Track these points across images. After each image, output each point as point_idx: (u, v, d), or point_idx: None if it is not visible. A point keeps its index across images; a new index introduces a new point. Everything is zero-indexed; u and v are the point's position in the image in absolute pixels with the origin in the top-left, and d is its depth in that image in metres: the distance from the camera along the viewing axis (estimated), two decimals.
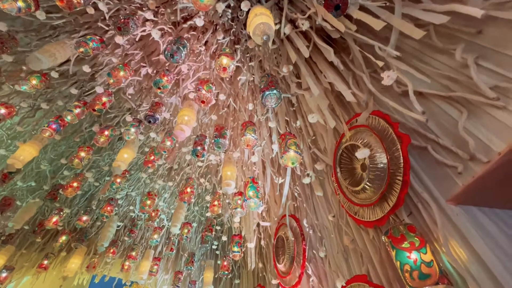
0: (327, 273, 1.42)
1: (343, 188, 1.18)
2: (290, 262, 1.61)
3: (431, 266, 0.71)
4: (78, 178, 2.32)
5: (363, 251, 1.12)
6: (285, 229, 1.76)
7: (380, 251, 1.04)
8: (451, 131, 0.85)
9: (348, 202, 1.14)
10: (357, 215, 1.08)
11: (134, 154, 2.21)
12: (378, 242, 1.06)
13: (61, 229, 3.03)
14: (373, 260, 1.06)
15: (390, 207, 0.90)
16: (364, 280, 0.95)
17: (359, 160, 1.12)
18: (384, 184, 0.93)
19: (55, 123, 2.04)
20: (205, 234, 2.72)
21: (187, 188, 2.11)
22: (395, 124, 0.94)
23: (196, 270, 3.41)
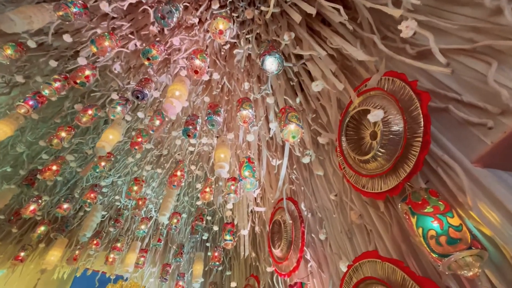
0: (328, 256, 1.33)
1: (349, 160, 1.08)
2: (287, 247, 1.51)
3: (460, 230, 0.62)
4: (58, 161, 2.15)
5: (371, 227, 1.03)
6: (281, 213, 1.66)
7: (391, 225, 0.95)
8: (476, 86, 0.76)
9: (355, 174, 1.05)
10: (366, 188, 0.98)
11: (120, 136, 2.05)
12: (388, 216, 0.97)
13: (39, 219, 2.83)
14: (382, 237, 0.97)
15: (406, 173, 0.81)
16: (375, 256, 0.86)
17: (368, 128, 1.03)
18: (400, 148, 0.83)
19: (32, 99, 1.87)
20: (195, 223, 2.59)
21: (177, 172, 1.98)
22: (413, 82, 0.85)
23: (185, 263, 3.27)
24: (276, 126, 1.65)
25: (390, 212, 0.97)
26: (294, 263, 1.42)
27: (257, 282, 2.05)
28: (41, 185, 2.77)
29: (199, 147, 2.45)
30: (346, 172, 1.11)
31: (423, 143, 0.77)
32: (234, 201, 2.03)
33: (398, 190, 0.85)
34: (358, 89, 1.08)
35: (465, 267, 0.59)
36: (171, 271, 3.08)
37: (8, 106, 2.25)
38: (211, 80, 2.15)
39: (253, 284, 2.10)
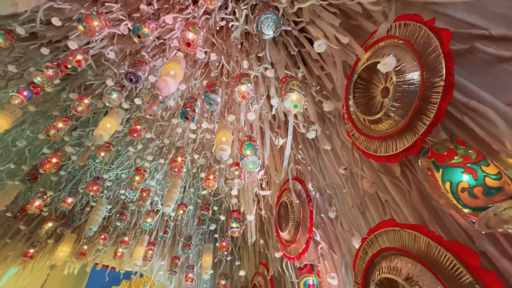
0: (339, 235, 1.23)
1: (359, 124, 0.97)
2: (295, 229, 1.41)
3: (500, 179, 0.51)
4: (57, 154, 2.10)
5: (386, 197, 0.92)
6: (288, 194, 1.56)
7: (409, 192, 0.84)
8: (506, 14, 0.64)
9: (365, 139, 0.94)
10: (378, 152, 0.87)
11: (118, 125, 1.99)
12: (405, 182, 0.85)
13: (46, 215, 2.82)
14: (399, 205, 0.86)
15: (425, 126, 0.69)
16: (393, 224, 0.75)
17: (379, 85, 0.91)
18: (417, 99, 0.72)
19: (26, 89, 1.82)
20: (201, 213, 2.52)
21: (177, 157, 1.90)
22: (429, 21, 0.73)
23: (194, 255, 3.22)
24: (278, 102, 1.55)
25: (407, 177, 0.85)
26: (303, 244, 1.32)
27: (267, 270, 1.97)
28: (47, 182, 2.76)
29: (200, 134, 2.37)
30: (355, 139, 1.00)
31: (446, 87, 0.65)
32: (238, 187, 1.95)
33: (417, 148, 0.73)
34: (365, 44, 0.96)
35: (508, 221, 0.48)
36: (180, 264, 3.04)
37: (6, 100, 2.21)
38: (209, 63, 2.06)
39: (262, 272, 2.02)
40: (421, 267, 0.63)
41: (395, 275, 0.65)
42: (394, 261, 0.69)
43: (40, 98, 2.27)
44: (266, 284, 1.90)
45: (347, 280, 1.10)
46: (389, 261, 0.71)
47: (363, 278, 0.81)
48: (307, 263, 1.25)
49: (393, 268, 0.67)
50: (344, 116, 1.09)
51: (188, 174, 3.03)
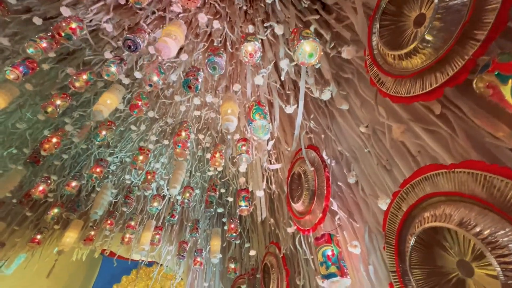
0: (361, 200, 1.11)
1: (385, 66, 0.84)
2: (310, 199, 1.30)
3: None
4: (57, 133, 2.02)
5: (419, 148, 0.79)
6: (301, 164, 1.45)
7: (452, 136, 0.71)
8: None
9: (394, 82, 0.81)
10: (412, 93, 0.74)
11: (118, 102, 1.90)
12: (445, 125, 0.73)
13: (52, 201, 2.78)
14: (439, 154, 0.74)
15: (479, 43, 0.56)
16: (435, 168, 0.63)
17: (411, 14, 0.78)
18: (467, 12, 0.59)
19: (22, 64, 1.72)
20: (208, 194, 2.43)
21: (181, 132, 1.80)
22: None
23: (202, 240, 3.16)
24: (288, 63, 1.41)
25: (448, 120, 0.73)
26: (319, 214, 1.21)
27: (278, 248, 1.88)
28: (51, 168, 2.70)
29: (205, 111, 2.26)
30: (381, 85, 0.87)
31: None
32: (247, 162, 1.84)
33: (464, 74, 0.60)
34: None
35: None
36: (188, 248, 2.98)
37: (1, 78, 2.12)
38: (212, 35, 1.94)
39: (273, 251, 1.93)
40: (479, 209, 0.51)
41: (445, 222, 0.54)
42: (441, 208, 0.57)
43: (39, 79, 2.18)
44: (278, 263, 1.81)
45: (371, 247, 0.99)
46: (433, 209, 0.59)
47: (397, 235, 0.70)
48: (324, 233, 1.14)
49: (441, 216, 0.56)
50: (367, 63, 0.96)
51: (194, 158, 2.94)
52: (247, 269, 2.58)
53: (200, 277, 2.99)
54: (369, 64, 0.94)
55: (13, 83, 1.93)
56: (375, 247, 0.98)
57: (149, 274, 6.34)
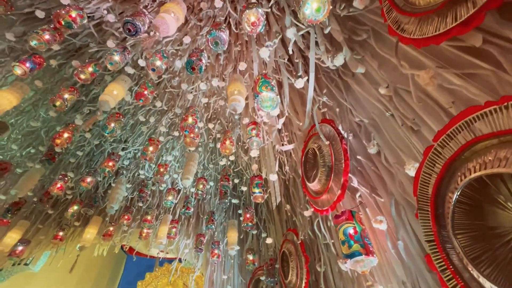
0: (384, 171, 0.99)
1: (407, 8, 0.72)
2: (327, 175, 1.19)
3: None
4: (68, 128, 2.03)
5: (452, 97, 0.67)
6: (315, 140, 1.34)
7: (495, 73, 0.58)
8: None
9: (419, 21, 0.69)
10: (442, 29, 0.62)
11: (125, 93, 1.87)
12: (487, 62, 0.60)
13: (71, 198, 2.84)
14: (478, 96, 0.61)
15: None
16: (480, 108, 0.51)
17: None
18: None
19: (28, 60, 1.73)
20: (221, 184, 2.37)
21: (188, 117, 1.74)
22: None
23: (219, 233, 3.12)
24: (295, 32, 1.30)
25: (490, 56, 0.60)
26: (338, 191, 1.10)
27: (296, 235, 1.78)
28: (68, 166, 2.76)
29: (214, 99, 2.19)
30: (403, 31, 0.75)
31: None
32: (258, 146, 1.75)
33: None
34: None
35: None
36: (206, 241, 2.95)
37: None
38: (216, 17, 1.86)
39: (291, 239, 1.84)
40: None
41: (500, 167, 0.42)
42: (492, 153, 0.46)
43: (49, 77, 2.20)
44: (297, 249, 1.72)
45: (399, 221, 0.87)
46: (481, 156, 0.48)
47: (433, 196, 0.58)
48: (344, 210, 1.03)
49: (493, 161, 0.44)
50: (383, 11, 0.83)
51: (206, 150, 2.90)
52: (265, 259, 2.50)
53: (219, 269, 2.95)
54: (386, 11, 0.82)
55: (24, 81, 1.98)
56: (403, 220, 0.86)
57: (171, 271, 6.45)
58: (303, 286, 1.58)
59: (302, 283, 1.59)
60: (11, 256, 2.59)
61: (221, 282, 2.84)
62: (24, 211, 2.84)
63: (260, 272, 2.70)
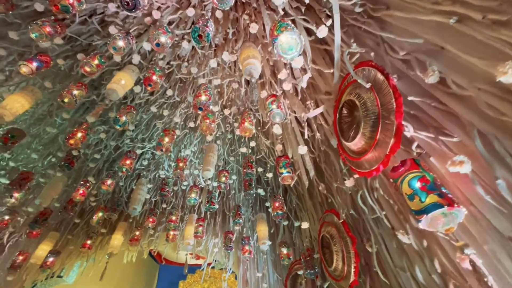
0: (454, 100, 0.75)
1: None
2: (372, 125, 0.97)
3: None
4: (82, 127, 1.95)
5: None
6: (350, 91, 1.11)
7: None
8: None
9: None
10: None
11: (133, 83, 1.77)
12: None
13: (94, 204, 2.80)
14: None
15: None
16: None
17: None
18: None
19: (34, 59, 1.67)
20: (244, 172, 2.19)
21: (200, 94, 1.58)
22: None
23: (248, 229, 2.93)
24: None
25: None
26: (390, 140, 0.87)
27: (336, 215, 1.54)
28: (90, 172, 2.72)
29: (227, 81, 2.03)
30: None
31: None
32: (280, 119, 1.57)
33: None
34: None
35: None
36: (235, 239, 2.78)
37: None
38: None
39: (331, 220, 1.60)
40: None
41: None
42: None
43: (59, 81, 2.16)
44: (339, 231, 1.48)
45: (493, 156, 0.63)
46: None
47: None
48: (404, 159, 0.80)
49: None
50: None
51: (224, 142, 2.75)
52: (302, 251, 2.27)
53: (252, 267, 2.75)
54: None
55: (35, 85, 1.94)
56: (499, 152, 0.62)
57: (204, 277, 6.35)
58: (352, 271, 1.34)
59: (350, 268, 1.35)
60: (42, 267, 2.58)
61: (256, 281, 2.63)
62: (53, 223, 2.84)
63: (297, 267, 2.47)
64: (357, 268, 1.32)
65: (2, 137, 1.91)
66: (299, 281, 2.45)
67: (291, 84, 1.60)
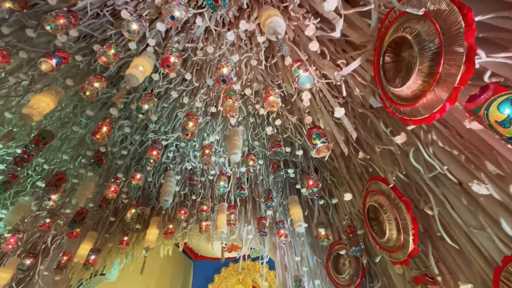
0: None
1: None
2: (431, 59, 0.82)
3: None
4: (106, 121, 1.94)
5: None
6: (397, 28, 0.96)
7: None
8: None
9: None
10: None
11: (151, 70, 1.73)
12: None
13: (127, 201, 2.84)
14: None
15: None
16: None
17: None
18: None
19: (53, 55, 1.66)
20: (273, 151, 2.08)
21: (222, 67, 1.49)
22: None
23: (280, 214, 2.84)
24: None
25: None
26: (460, 67, 0.72)
27: (383, 181, 1.40)
28: (119, 169, 2.75)
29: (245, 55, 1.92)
30: None
31: None
32: (310, 83, 1.44)
33: None
34: None
35: None
36: (268, 225, 2.70)
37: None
38: None
39: (377, 188, 1.46)
40: None
41: None
42: None
43: (79, 80, 2.16)
44: (389, 197, 1.33)
45: None
46: None
47: None
48: (486, 84, 0.65)
49: None
50: None
51: (247, 127, 2.66)
52: (344, 228, 2.13)
53: (289, 252, 2.66)
54: None
55: (57, 85, 1.95)
56: None
57: (237, 269, 6.41)
58: (411, 239, 1.19)
59: (408, 235, 1.20)
60: (86, 265, 2.65)
61: (295, 265, 2.54)
62: (90, 223, 2.92)
63: (338, 247, 2.34)
64: (416, 235, 1.18)
65: (34, 139, 1.95)
66: (342, 262, 2.33)
67: (317, 46, 1.46)
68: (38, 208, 2.67)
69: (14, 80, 1.91)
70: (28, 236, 2.82)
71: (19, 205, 2.40)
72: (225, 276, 6.35)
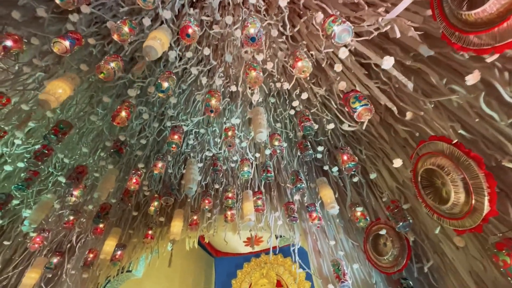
0: None
1: None
2: None
3: None
4: (124, 105, 1.84)
5: None
6: None
7: None
8: None
9: None
10: None
11: (168, 43, 1.61)
12: None
13: (148, 194, 2.76)
14: None
15: None
16: None
17: None
18: None
19: (66, 36, 1.57)
20: (302, 126, 1.92)
21: (248, 26, 1.34)
22: None
23: (308, 198, 2.68)
24: None
25: None
26: None
27: (442, 139, 1.22)
28: (139, 161, 2.66)
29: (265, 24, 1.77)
30: None
31: None
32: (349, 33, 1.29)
33: None
34: None
35: None
36: (297, 210, 2.55)
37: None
38: None
39: (435, 148, 1.27)
40: None
41: None
42: None
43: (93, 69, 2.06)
44: (453, 156, 1.16)
45: None
46: None
47: None
48: None
49: None
50: None
51: (268, 108, 2.53)
52: (387, 204, 1.96)
53: (321, 236, 2.51)
54: None
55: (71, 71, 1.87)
56: None
57: (260, 264, 6.30)
58: (486, 200, 1.02)
59: (482, 196, 1.03)
60: (113, 261, 2.59)
61: (329, 250, 2.39)
62: (113, 219, 2.85)
63: (377, 227, 2.17)
64: (494, 194, 1.00)
65: (52, 129, 1.87)
66: (382, 242, 2.15)
67: None
68: (61, 207, 2.63)
69: (29, 70, 1.84)
70: (53, 236, 2.78)
71: (42, 203, 2.35)
72: (248, 271, 6.25)
